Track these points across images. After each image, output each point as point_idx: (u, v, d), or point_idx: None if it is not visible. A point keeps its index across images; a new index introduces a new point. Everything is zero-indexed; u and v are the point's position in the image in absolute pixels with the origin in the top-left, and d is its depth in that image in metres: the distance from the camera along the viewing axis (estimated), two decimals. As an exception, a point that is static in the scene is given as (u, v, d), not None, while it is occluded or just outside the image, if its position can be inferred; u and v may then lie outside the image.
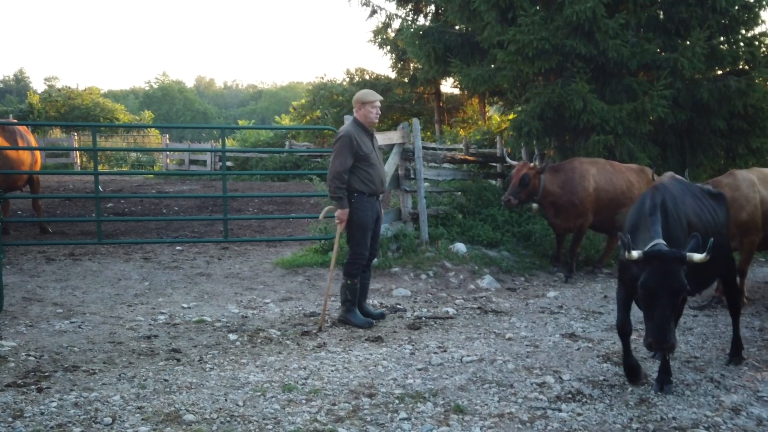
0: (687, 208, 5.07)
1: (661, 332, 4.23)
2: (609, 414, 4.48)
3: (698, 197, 5.39)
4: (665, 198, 4.83)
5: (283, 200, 15.60)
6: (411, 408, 4.52)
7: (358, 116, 6.64)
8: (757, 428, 4.39)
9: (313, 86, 29.05)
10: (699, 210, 5.22)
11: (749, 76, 11.52)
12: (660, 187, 5.06)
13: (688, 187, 5.42)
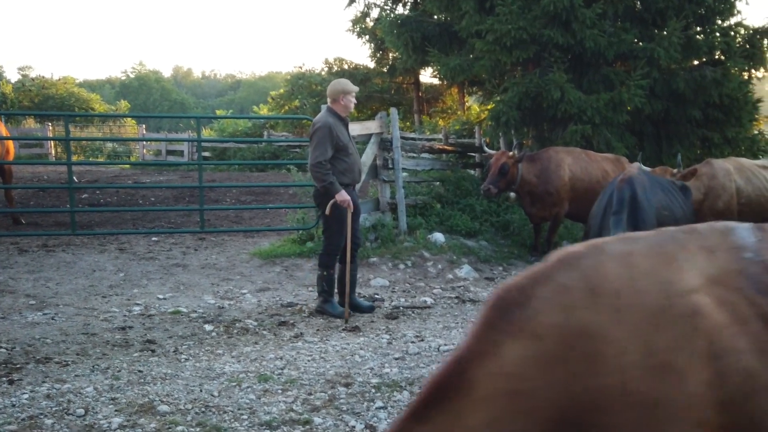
0: (658, 202, 4.91)
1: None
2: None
3: (669, 190, 5.26)
4: (635, 192, 4.65)
5: (262, 190, 15.50)
6: (387, 397, 4.52)
7: (337, 107, 6.54)
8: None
9: (291, 76, 28.83)
10: (671, 204, 5.08)
11: (724, 67, 11.65)
12: (629, 180, 4.86)
13: (657, 180, 5.28)
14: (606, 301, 1.56)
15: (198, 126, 10.73)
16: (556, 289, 1.60)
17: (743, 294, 1.60)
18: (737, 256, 1.69)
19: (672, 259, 1.66)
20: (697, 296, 1.57)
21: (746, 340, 1.52)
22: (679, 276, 1.61)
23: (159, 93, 68.26)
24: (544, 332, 1.55)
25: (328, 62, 26.12)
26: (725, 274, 1.64)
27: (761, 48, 12.40)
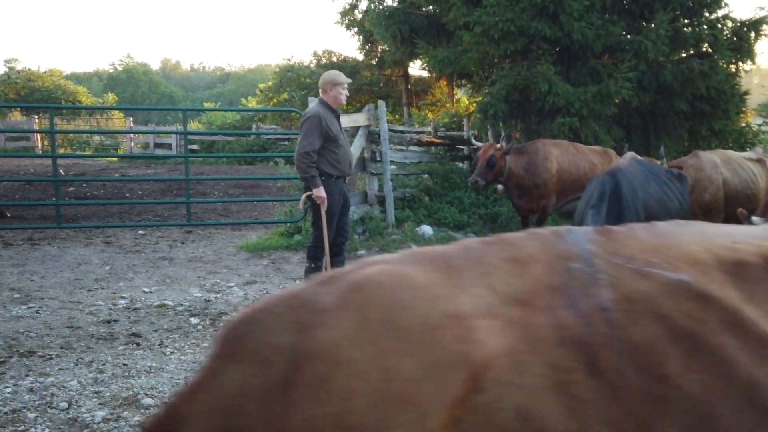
0: (649, 195, 4.57)
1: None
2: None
3: (664, 182, 4.94)
4: (620, 185, 4.36)
5: (250, 183, 15.44)
6: None
7: (328, 98, 6.49)
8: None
9: (280, 69, 28.71)
10: (664, 197, 4.76)
11: (712, 59, 11.67)
12: (615, 173, 4.56)
13: (652, 171, 4.97)
14: (350, 317, 1.31)
15: (184, 119, 10.68)
16: (296, 304, 1.36)
17: (553, 314, 1.32)
18: (560, 268, 1.42)
19: (455, 275, 1.39)
20: (474, 320, 1.29)
21: (533, 374, 1.25)
22: (455, 295, 1.34)
23: (147, 86, 67.78)
24: (271, 355, 1.29)
25: (317, 55, 26.02)
26: (533, 291, 1.36)
27: (748, 40, 12.43)
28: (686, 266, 1.46)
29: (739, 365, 1.34)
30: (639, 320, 1.34)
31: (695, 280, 1.43)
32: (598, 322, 1.32)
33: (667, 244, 1.54)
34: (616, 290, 1.38)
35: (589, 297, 1.36)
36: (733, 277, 1.48)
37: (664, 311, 1.37)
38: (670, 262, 1.47)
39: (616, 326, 1.33)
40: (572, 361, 1.27)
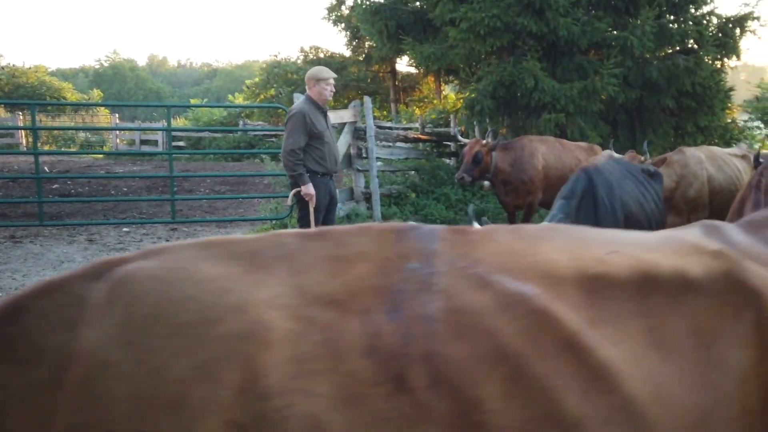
0: (627, 195, 4.33)
1: None
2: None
3: (640, 181, 4.71)
4: (595, 185, 4.11)
5: (236, 180, 15.35)
6: None
7: (312, 93, 6.45)
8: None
9: (267, 65, 28.56)
10: (641, 197, 4.54)
11: (697, 55, 11.70)
12: (590, 171, 4.29)
13: (628, 169, 4.75)
14: (116, 313, 1.17)
15: (168, 115, 10.55)
16: (63, 299, 1.20)
17: (368, 320, 1.18)
18: (393, 268, 1.26)
19: (257, 271, 1.24)
20: (265, 318, 1.16)
21: (329, 383, 1.12)
22: (249, 291, 1.20)
23: (134, 82, 67.41)
24: (37, 356, 1.15)
25: (304, 50, 25.94)
26: (352, 293, 1.21)
27: (733, 37, 12.47)
28: (537, 277, 1.32)
29: (563, 397, 1.20)
30: (463, 335, 1.20)
31: (537, 294, 1.28)
32: (417, 333, 1.18)
33: (527, 250, 1.39)
34: (448, 298, 1.24)
35: (417, 303, 1.22)
36: (587, 293, 1.33)
37: (492, 327, 1.22)
38: (521, 270, 1.32)
39: (436, 339, 1.19)
40: (377, 374, 1.14)
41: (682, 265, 1.45)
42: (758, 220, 1.85)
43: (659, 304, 1.38)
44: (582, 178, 4.11)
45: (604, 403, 1.23)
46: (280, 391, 1.10)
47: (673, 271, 1.42)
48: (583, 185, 4.04)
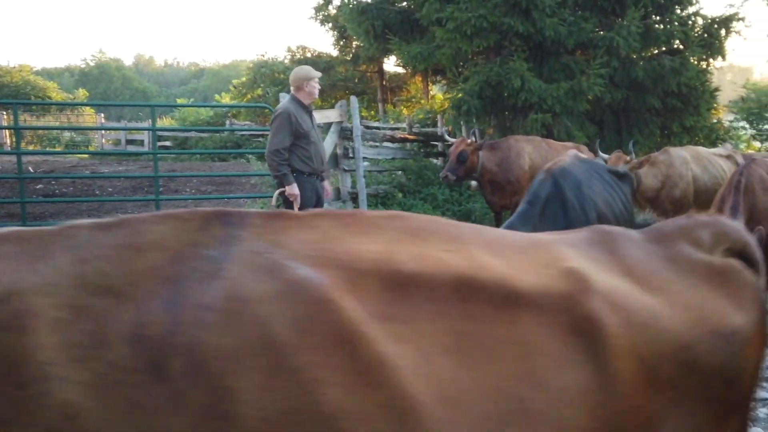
0: (596, 196, 4.08)
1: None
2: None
3: (607, 181, 4.47)
4: (562, 187, 3.85)
5: (223, 180, 15.25)
6: None
7: (301, 94, 6.38)
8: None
9: (253, 64, 28.46)
10: (610, 198, 4.30)
11: (683, 56, 11.76)
12: (556, 173, 3.98)
13: (595, 169, 4.49)
14: None
15: (152, 114, 10.46)
16: None
17: (141, 308, 1.17)
18: (188, 256, 1.23)
19: (35, 261, 1.19)
20: (28, 306, 1.12)
21: (90, 371, 1.10)
22: (15, 279, 1.16)
23: (120, 81, 66.98)
24: None
25: (291, 50, 25.85)
26: (133, 282, 1.18)
27: (719, 37, 12.55)
28: (334, 267, 1.27)
29: (323, 390, 1.17)
30: (234, 323, 1.17)
31: (324, 284, 1.24)
32: (187, 322, 1.16)
33: (340, 239, 1.34)
34: (231, 286, 1.21)
35: (197, 292, 1.20)
36: (388, 289, 1.30)
37: (266, 315, 1.19)
38: (321, 259, 1.28)
39: (204, 328, 1.16)
40: (137, 363, 1.12)
41: (516, 276, 1.41)
42: (668, 231, 1.81)
43: (477, 310, 1.34)
44: (547, 181, 3.86)
45: (369, 399, 1.20)
46: (36, 379, 1.07)
47: (500, 281, 1.38)
48: (549, 188, 3.78)
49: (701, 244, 1.79)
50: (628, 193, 4.68)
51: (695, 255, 1.75)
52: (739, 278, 1.74)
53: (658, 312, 1.54)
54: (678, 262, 1.70)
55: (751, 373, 1.69)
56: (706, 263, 1.73)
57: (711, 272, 1.72)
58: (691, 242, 1.78)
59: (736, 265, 1.77)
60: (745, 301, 1.71)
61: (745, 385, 1.68)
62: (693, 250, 1.76)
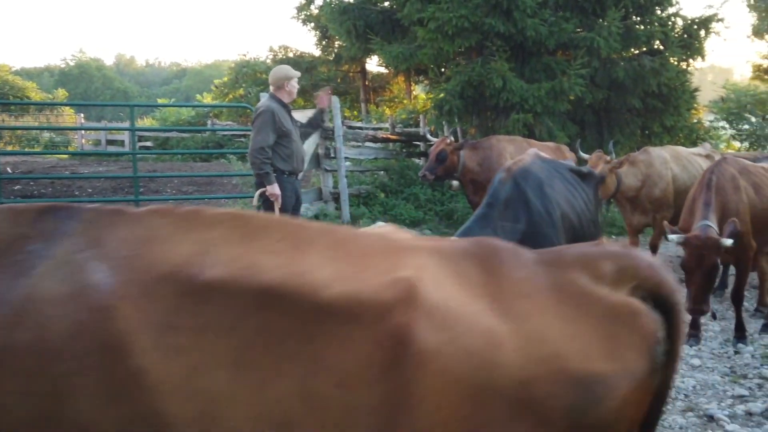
0: (558, 196, 3.89)
1: None
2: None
3: (569, 181, 4.27)
4: (523, 189, 3.62)
5: (204, 181, 15.13)
6: None
7: (281, 93, 6.34)
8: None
9: (235, 64, 28.27)
10: (572, 197, 4.10)
11: (663, 56, 11.81)
12: (516, 173, 3.73)
13: (557, 169, 4.31)
14: None
15: (131, 114, 10.34)
16: None
17: None
18: (13, 250, 1.24)
19: None
20: None
21: None
22: None
23: (101, 81, 66.35)
24: None
25: (273, 50, 25.68)
26: None
27: (698, 38, 12.63)
28: (133, 271, 1.24)
29: (77, 402, 1.15)
30: (22, 323, 1.16)
31: (109, 289, 1.21)
32: None
33: (159, 241, 1.30)
34: (34, 284, 1.19)
35: (8, 288, 1.19)
36: (180, 296, 1.25)
37: (48, 317, 1.17)
38: (124, 261, 1.25)
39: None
40: None
41: (333, 284, 1.33)
42: (567, 257, 1.66)
43: (275, 322, 1.27)
44: (507, 182, 3.62)
45: (118, 413, 1.16)
46: None
47: (310, 290, 1.31)
48: (510, 189, 3.55)
49: (601, 277, 1.61)
50: (592, 193, 4.56)
51: (587, 287, 1.58)
52: (632, 322, 1.57)
53: (499, 341, 1.40)
54: (564, 291, 1.55)
55: (623, 428, 1.54)
56: (597, 299, 1.57)
57: (598, 309, 1.55)
58: (590, 273, 1.61)
59: (635, 307, 1.61)
60: (627, 348, 1.53)
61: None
62: (588, 282, 1.59)
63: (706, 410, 4.25)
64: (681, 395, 4.52)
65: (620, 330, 1.54)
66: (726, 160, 5.93)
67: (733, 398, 4.49)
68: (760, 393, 4.57)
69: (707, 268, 4.90)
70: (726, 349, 5.49)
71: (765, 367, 5.08)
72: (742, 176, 5.81)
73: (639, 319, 1.59)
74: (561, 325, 1.48)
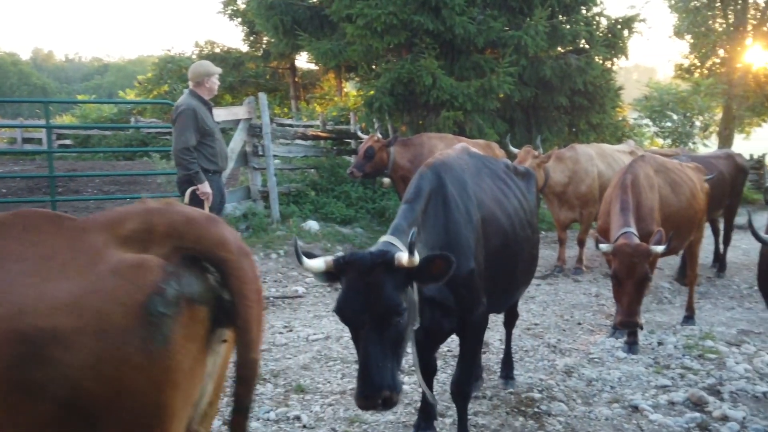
0: (483, 194, 3.64)
1: (368, 382, 2.62)
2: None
3: (501, 178, 4.04)
4: (443, 183, 3.35)
5: (127, 180, 14.61)
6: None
7: (201, 90, 6.19)
8: (586, 388, 4.54)
9: (159, 59, 27.44)
10: (502, 196, 3.86)
11: (588, 55, 12.06)
12: (437, 167, 3.45)
13: (486, 165, 4.06)
14: None
15: (46, 111, 9.86)
16: None
17: None
18: None
19: None
20: None
21: None
22: None
23: (17, 77, 63.61)
24: None
25: (199, 45, 25.04)
26: None
27: (621, 37, 12.97)
28: None
29: None
30: None
31: None
32: None
33: None
34: None
35: None
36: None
37: None
38: None
39: None
40: None
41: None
42: (96, 222, 1.74)
43: None
44: (428, 176, 3.34)
45: None
46: None
47: None
48: (430, 184, 3.28)
49: (124, 236, 1.65)
50: (530, 191, 4.31)
51: (94, 248, 1.62)
52: (129, 278, 1.58)
53: None
54: (72, 253, 1.59)
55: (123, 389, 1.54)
56: (97, 258, 1.60)
57: (93, 268, 1.58)
58: (112, 233, 1.66)
59: (136, 262, 1.62)
60: (113, 305, 1.54)
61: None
62: (101, 242, 1.63)
63: (631, 401, 4.32)
64: (607, 387, 4.59)
65: (111, 287, 1.56)
66: (643, 159, 5.93)
67: (657, 388, 4.57)
68: (682, 383, 4.67)
69: (639, 277, 4.75)
70: (650, 341, 5.61)
71: (687, 357, 5.21)
72: (658, 175, 5.78)
73: (137, 273, 1.59)
74: (36, 284, 1.52)
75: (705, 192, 6.36)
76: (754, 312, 6.85)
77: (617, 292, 4.88)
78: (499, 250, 3.57)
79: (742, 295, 7.92)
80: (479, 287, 3.40)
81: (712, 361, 5.12)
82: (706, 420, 4.04)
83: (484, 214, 3.52)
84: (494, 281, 3.54)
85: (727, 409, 4.16)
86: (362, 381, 2.62)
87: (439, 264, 2.76)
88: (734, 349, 5.46)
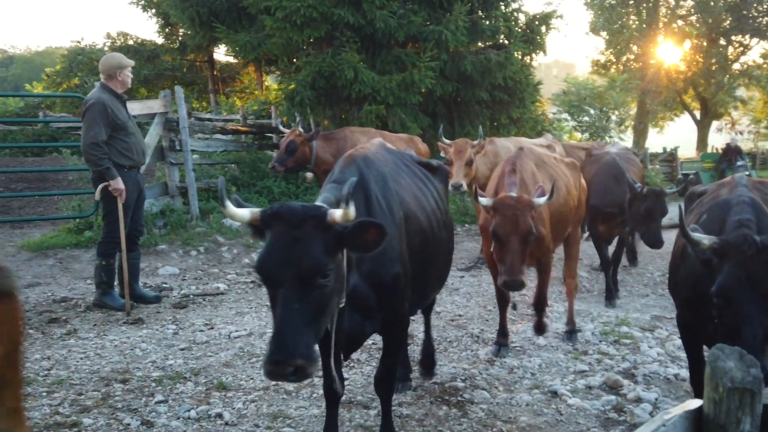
0: (403, 191, 3.51)
1: (281, 347, 2.39)
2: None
3: (418, 175, 3.91)
4: (366, 179, 3.21)
5: (35, 176, 13.92)
6: (169, 390, 4.27)
7: (113, 83, 6.00)
8: (508, 376, 4.64)
9: (69, 51, 26.30)
10: (420, 193, 3.72)
11: (507, 50, 12.28)
12: (359, 161, 3.32)
13: (404, 162, 3.91)
14: None
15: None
16: None
17: None
18: None
19: None
20: None
21: None
22: None
23: None
24: None
25: (111, 36, 24.14)
26: None
27: (539, 33, 13.27)
28: None
29: None
30: None
31: None
32: None
33: None
34: None
35: None
36: None
37: None
38: None
39: None
40: None
41: None
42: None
43: None
44: (351, 169, 3.20)
45: None
46: None
47: None
48: (353, 177, 2.98)
49: None
50: (441, 188, 4.17)
51: None
52: None
53: None
54: None
55: None
56: None
57: None
58: None
59: None
60: None
61: None
62: None
63: (551, 386, 4.43)
64: (528, 374, 4.70)
65: None
66: (523, 152, 5.48)
67: (575, 374, 4.71)
68: (599, 367, 4.83)
69: (523, 231, 4.36)
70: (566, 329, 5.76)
71: (603, 343, 5.40)
72: (539, 169, 5.46)
73: None
74: None
75: (581, 190, 6.17)
76: (666, 298, 7.13)
77: (499, 251, 4.47)
78: (417, 250, 3.42)
79: (656, 282, 8.27)
80: (404, 288, 3.27)
81: (627, 346, 5.32)
82: (621, 402, 4.20)
83: (405, 211, 3.38)
84: (412, 282, 3.38)
85: (641, 392, 4.34)
86: (274, 345, 2.38)
87: (373, 232, 2.59)
88: (648, 334, 5.70)
